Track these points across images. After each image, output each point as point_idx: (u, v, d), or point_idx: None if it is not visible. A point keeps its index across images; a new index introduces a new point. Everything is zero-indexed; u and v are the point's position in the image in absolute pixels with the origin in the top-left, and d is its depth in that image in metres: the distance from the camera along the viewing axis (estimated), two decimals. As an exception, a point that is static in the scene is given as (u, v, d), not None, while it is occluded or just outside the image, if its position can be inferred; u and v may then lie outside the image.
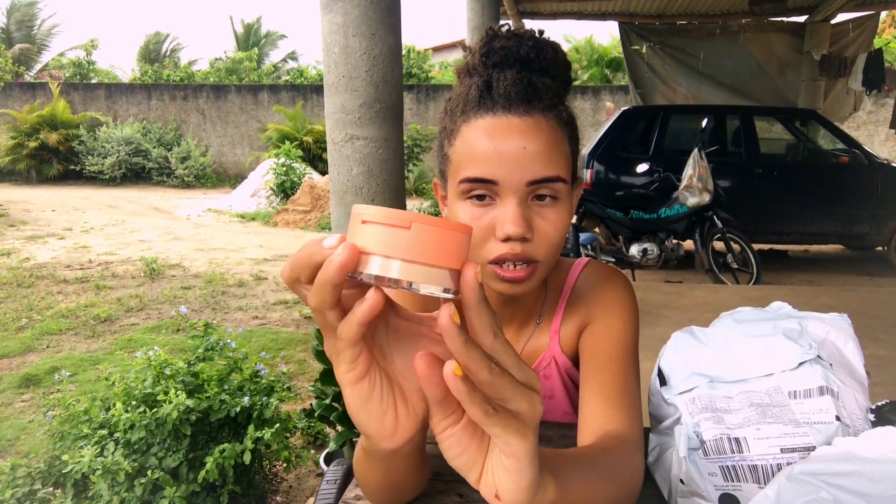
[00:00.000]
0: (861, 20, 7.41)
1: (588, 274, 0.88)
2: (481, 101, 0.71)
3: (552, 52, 0.74)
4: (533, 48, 0.73)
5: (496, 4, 5.73)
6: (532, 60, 0.72)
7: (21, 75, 15.91)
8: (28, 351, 3.73)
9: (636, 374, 0.78)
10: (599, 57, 15.23)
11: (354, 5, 2.11)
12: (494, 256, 0.71)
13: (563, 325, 0.87)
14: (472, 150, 0.71)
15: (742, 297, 4.20)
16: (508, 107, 0.70)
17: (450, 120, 0.75)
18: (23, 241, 7.02)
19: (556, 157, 0.71)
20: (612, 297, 0.84)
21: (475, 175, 0.70)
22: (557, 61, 0.75)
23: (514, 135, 0.69)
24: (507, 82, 0.70)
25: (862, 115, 11.28)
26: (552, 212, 0.72)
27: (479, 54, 0.74)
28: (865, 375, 0.78)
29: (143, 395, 1.94)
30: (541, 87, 0.71)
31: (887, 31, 16.46)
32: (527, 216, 0.70)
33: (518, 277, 0.72)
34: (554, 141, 0.71)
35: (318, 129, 12.37)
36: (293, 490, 2.29)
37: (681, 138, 5.99)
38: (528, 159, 0.69)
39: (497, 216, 0.70)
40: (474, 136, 0.71)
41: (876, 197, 5.71)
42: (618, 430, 0.69)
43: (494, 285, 0.74)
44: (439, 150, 0.79)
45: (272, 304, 4.66)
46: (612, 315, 0.82)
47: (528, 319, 0.88)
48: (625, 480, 0.62)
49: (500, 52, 0.73)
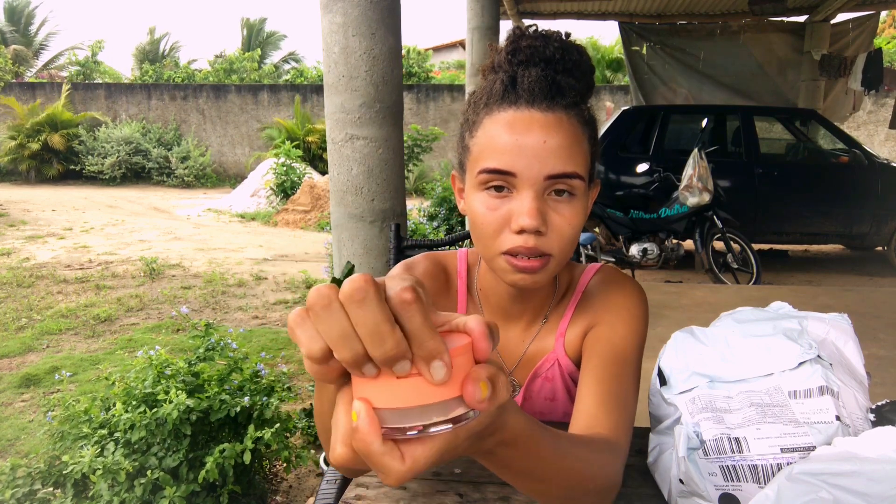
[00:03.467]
0: (861, 20, 7.40)
1: (600, 279, 0.88)
2: (505, 95, 0.72)
3: (577, 55, 0.75)
4: (559, 49, 0.73)
5: (496, 4, 5.72)
6: (557, 61, 0.73)
7: (21, 75, 15.90)
8: (28, 351, 3.73)
9: (634, 384, 0.77)
10: (600, 57, 15.22)
11: (354, 5, 2.11)
12: (508, 248, 0.72)
13: (569, 327, 0.86)
14: (493, 141, 0.72)
15: (742, 297, 4.19)
16: (531, 101, 0.71)
17: (473, 112, 0.76)
18: (23, 241, 7.02)
19: (576, 154, 0.71)
20: (621, 303, 0.83)
21: (494, 166, 0.71)
22: (582, 63, 0.75)
23: (535, 129, 0.70)
24: (531, 78, 0.71)
25: (862, 115, 11.27)
26: (568, 208, 0.72)
27: (506, 52, 0.75)
28: (865, 375, 0.78)
29: (143, 394, 1.94)
30: (564, 86, 0.72)
31: (887, 31, 16.46)
32: (542, 210, 0.71)
33: (531, 268, 0.72)
34: (574, 138, 0.71)
35: (319, 128, 12.37)
36: (293, 490, 2.29)
37: (681, 138, 5.99)
38: (547, 153, 0.70)
39: (513, 208, 0.71)
40: (496, 129, 0.72)
41: (876, 197, 5.70)
42: (604, 434, 0.68)
43: (506, 277, 0.75)
44: (460, 142, 0.79)
45: (272, 304, 4.66)
46: (619, 320, 0.82)
47: (536, 318, 0.88)
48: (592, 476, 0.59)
49: (526, 50, 0.73)
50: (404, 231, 2.24)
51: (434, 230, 6.32)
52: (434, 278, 0.90)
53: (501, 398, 0.38)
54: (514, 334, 0.88)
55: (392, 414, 0.35)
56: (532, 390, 0.89)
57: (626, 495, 0.77)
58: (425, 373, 0.35)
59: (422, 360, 0.35)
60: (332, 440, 0.38)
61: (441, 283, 0.90)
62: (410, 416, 0.35)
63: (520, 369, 0.89)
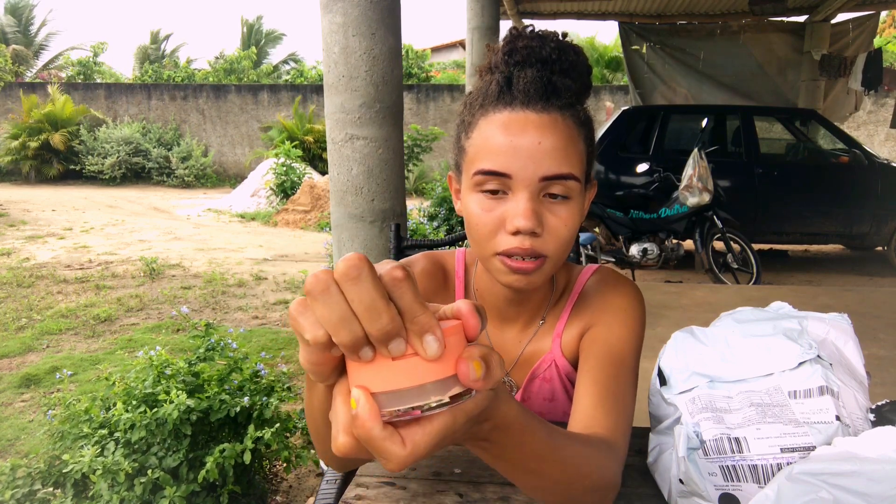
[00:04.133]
0: (861, 20, 7.40)
1: (597, 280, 0.88)
2: (500, 96, 0.72)
3: (574, 55, 0.75)
4: (555, 49, 0.73)
5: (496, 4, 5.73)
6: (554, 61, 0.73)
7: (21, 75, 15.90)
8: (28, 351, 3.73)
9: (632, 385, 0.77)
10: (599, 56, 15.21)
11: (354, 5, 2.11)
12: (503, 249, 0.72)
13: (566, 328, 0.86)
14: (488, 143, 0.72)
15: (742, 297, 4.19)
16: (526, 102, 0.71)
17: (468, 113, 0.77)
18: (23, 241, 7.02)
19: (571, 156, 0.71)
20: (618, 305, 0.83)
21: (489, 168, 0.71)
22: (578, 64, 0.75)
23: (530, 130, 0.70)
24: (526, 79, 0.71)
25: (862, 115, 11.27)
26: (563, 209, 0.72)
27: (502, 53, 0.75)
28: (865, 375, 0.78)
29: (143, 394, 1.94)
30: (560, 87, 0.72)
31: (887, 31, 16.46)
32: (538, 211, 0.71)
33: (526, 269, 0.72)
34: (569, 139, 0.71)
35: (319, 128, 12.37)
36: (293, 490, 2.29)
37: (681, 138, 5.99)
38: (542, 155, 0.70)
39: (508, 209, 0.71)
40: (491, 130, 0.72)
41: (876, 197, 5.70)
42: (601, 434, 0.68)
43: (502, 278, 0.75)
44: (456, 143, 0.80)
45: (272, 304, 4.66)
46: (616, 321, 0.82)
47: (533, 320, 0.88)
48: (589, 473, 0.59)
49: (522, 51, 0.73)
50: (404, 231, 2.24)
51: (434, 230, 6.32)
52: (432, 277, 0.90)
53: (496, 377, 0.38)
54: (510, 335, 0.88)
55: (389, 397, 0.36)
56: (531, 391, 0.89)
57: (626, 495, 0.77)
58: (419, 348, 0.36)
59: (415, 335, 0.36)
60: (333, 431, 0.38)
61: (438, 283, 0.90)
62: (408, 398, 0.36)
63: (517, 370, 0.89)
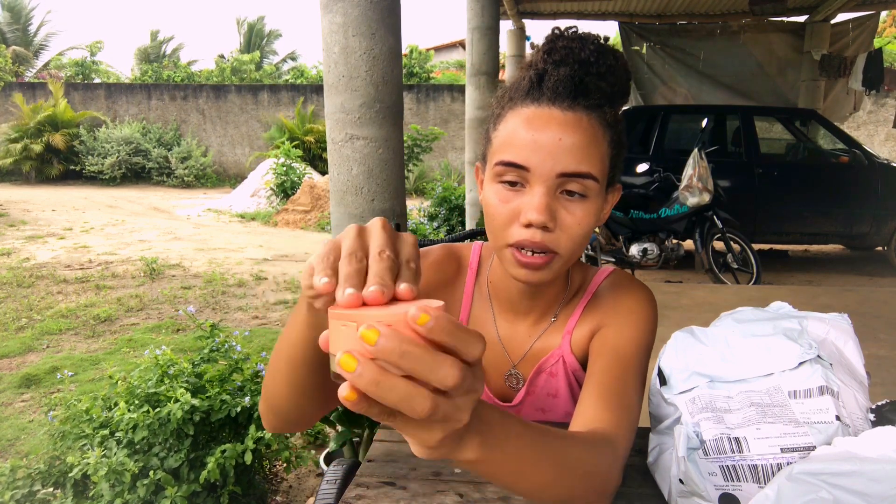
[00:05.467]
0: (861, 20, 7.40)
1: (612, 282, 0.89)
2: (530, 92, 0.74)
3: (613, 60, 0.75)
4: (594, 52, 0.73)
5: (496, 4, 5.72)
6: (591, 63, 0.73)
7: (21, 75, 15.90)
8: (28, 351, 3.73)
9: (639, 386, 0.77)
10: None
11: (354, 5, 2.11)
12: (514, 240, 0.73)
13: (577, 326, 0.87)
14: (512, 135, 0.73)
15: (742, 297, 4.19)
16: (553, 99, 0.72)
17: (498, 105, 0.78)
18: (23, 241, 7.02)
19: (592, 155, 0.72)
20: (630, 307, 0.85)
21: (509, 159, 0.72)
22: (617, 69, 0.75)
23: (552, 126, 0.71)
24: (558, 77, 0.72)
25: (862, 115, 11.27)
26: (579, 208, 0.73)
27: (542, 51, 0.76)
28: (865, 375, 0.78)
29: (145, 394, 1.94)
30: (591, 88, 0.73)
31: (887, 31, 16.46)
32: (552, 206, 0.72)
33: (535, 263, 0.73)
34: (592, 138, 0.72)
35: (319, 128, 12.37)
36: (293, 490, 2.30)
37: (681, 138, 5.99)
38: (561, 151, 0.70)
39: (523, 202, 0.72)
40: (516, 123, 0.73)
41: (876, 197, 5.70)
42: (602, 429, 0.68)
43: (512, 270, 0.76)
44: (484, 134, 0.81)
45: (272, 304, 4.66)
46: (627, 323, 0.83)
47: (545, 316, 0.89)
48: (587, 474, 0.59)
49: (561, 50, 0.74)
50: (404, 231, 2.24)
51: (434, 230, 6.33)
52: (442, 267, 0.92)
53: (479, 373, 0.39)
54: (521, 329, 0.90)
55: None
56: (536, 385, 0.90)
57: (626, 495, 0.77)
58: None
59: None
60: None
61: (450, 273, 0.92)
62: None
63: (524, 363, 0.90)
